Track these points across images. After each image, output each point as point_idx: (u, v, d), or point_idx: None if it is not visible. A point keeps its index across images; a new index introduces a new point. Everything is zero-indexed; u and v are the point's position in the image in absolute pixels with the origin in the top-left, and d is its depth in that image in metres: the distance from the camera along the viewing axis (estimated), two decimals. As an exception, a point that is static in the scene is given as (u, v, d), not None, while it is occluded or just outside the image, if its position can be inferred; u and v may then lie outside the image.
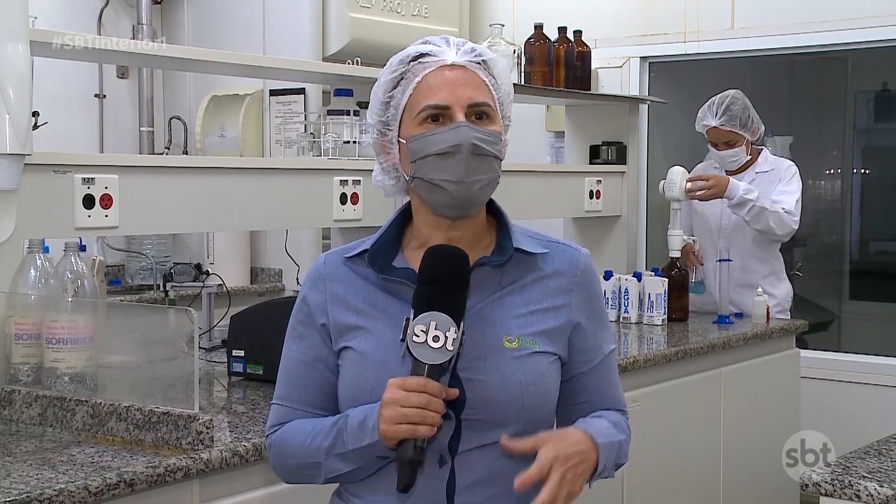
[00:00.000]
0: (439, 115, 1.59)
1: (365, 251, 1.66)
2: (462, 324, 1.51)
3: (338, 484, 1.70)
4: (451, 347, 1.49)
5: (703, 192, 3.85)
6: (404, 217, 1.70)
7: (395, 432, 1.49)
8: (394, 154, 1.65)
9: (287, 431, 1.67)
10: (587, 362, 1.69)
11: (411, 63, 1.62)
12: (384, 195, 1.73)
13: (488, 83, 1.63)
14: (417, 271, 1.57)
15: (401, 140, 1.63)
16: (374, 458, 1.57)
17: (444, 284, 1.52)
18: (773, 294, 4.01)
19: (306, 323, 1.69)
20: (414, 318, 1.50)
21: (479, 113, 1.60)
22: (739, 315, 3.91)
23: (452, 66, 1.60)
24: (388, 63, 1.66)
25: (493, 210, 1.70)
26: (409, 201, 1.69)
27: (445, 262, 1.54)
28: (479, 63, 1.63)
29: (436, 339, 1.49)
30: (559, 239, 1.73)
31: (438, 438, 1.55)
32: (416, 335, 1.49)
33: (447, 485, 1.58)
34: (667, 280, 3.69)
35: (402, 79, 1.62)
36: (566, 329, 1.66)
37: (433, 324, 1.49)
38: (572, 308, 1.67)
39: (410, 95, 1.61)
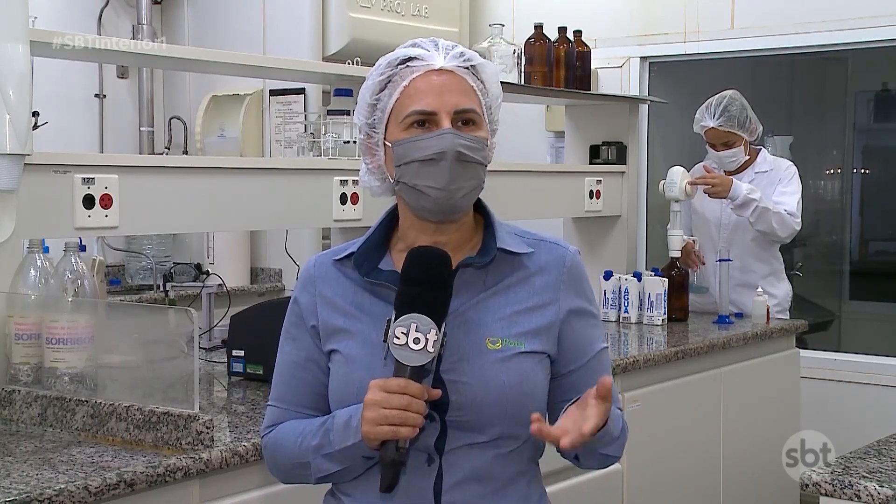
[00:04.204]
0: (425, 120, 1.59)
1: (353, 253, 1.66)
2: (444, 325, 1.51)
3: (331, 484, 1.71)
4: (431, 349, 1.49)
5: (706, 186, 3.85)
6: (392, 219, 1.71)
7: (377, 433, 1.50)
8: (379, 156, 1.66)
9: (279, 432, 1.69)
10: (577, 360, 1.69)
11: (399, 66, 1.62)
12: (371, 195, 1.73)
13: (476, 88, 1.63)
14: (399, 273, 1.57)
15: (386, 143, 1.63)
16: (360, 458, 1.58)
17: (426, 286, 1.52)
18: (773, 294, 4.01)
19: (298, 325, 1.70)
20: (395, 320, 1.50)
21: (466, 119, 1.60)
22: (739, 315, 3.91)
23: (440, 70, 1.60)
24: (376, 63, 1.66)
25: (481, 210, 1.70)
26: (396, 205, 1.70)
27: (426, 263, 1.54)
28: (467, 68, 1.63)
29: (416, 340, 1.49)
30: (548, 237, 1.73)
31: (425, 439, 1.56)
32: (397, 337, 1.49)
33: (435, 483, 1.59)
34: (667, 280, 3.69)
35: (389, 82, 1.62)
36: (555, 326, 1.66)
37: (414, 325, 1.49)
38: (560, 304, 1.66)
39: (397, 100, 1.61)
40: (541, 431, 1.48)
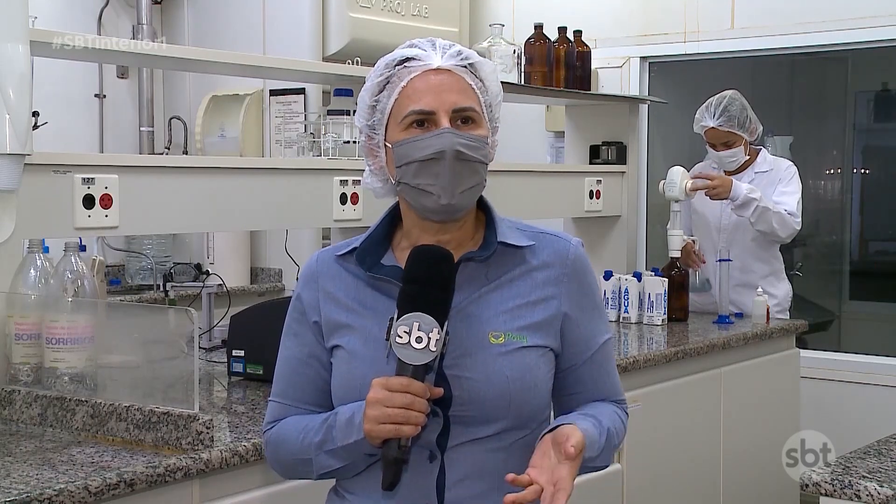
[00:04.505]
0: (424, 120, 1.59)
1: (355, 249, 1.66)
2: (446, 324, 1.51)
3: (335, 481, 1.71)
4: (433, 348, 1.49)
5: (706, 189, 3.85)
6: (394, 216, 1.71)
7: (379, 432, 1.50)
8: (380, 157, 1.66)
9: (282, 428, 1.69)
10: (581, 353, 1.69)
11: (397, 67, 1.62)
12: (375, 196, 1.73)
13: (475, 87, 1.63)
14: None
15: (387, 144, 1.63)
16: (363, 455, 1.58)
17: (428, 285, 1.52)
18: (773, 294, 4.01)
19: (300, 321, 1.70)
20: (398, 319, 1.50)
21: (465, 118, 1.61)
22: (739, 315, 3.91)
23: (438, 70, 1.60)
24: (375, 65, 1.66)
25: (482, 206, 1.70)
26: (398, 202, 1.70)
27: (429, 262, 1.54)
28: (464, 67, 1.63)
29: (419, 340, 1.49)
30: (550, 230, 1.73)
31: (427, 435, 1.56)
32: (400, 336, 1.49)
33: (437, 480, 1.59)
34: (667, 280, 3.69)
35: (387, 83, 1.62)
36: (557, 320, 1.66)
37: (416, 325, 1.49)
38: (562, 299, 1.66)
39: (396, 100, 1.61)
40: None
